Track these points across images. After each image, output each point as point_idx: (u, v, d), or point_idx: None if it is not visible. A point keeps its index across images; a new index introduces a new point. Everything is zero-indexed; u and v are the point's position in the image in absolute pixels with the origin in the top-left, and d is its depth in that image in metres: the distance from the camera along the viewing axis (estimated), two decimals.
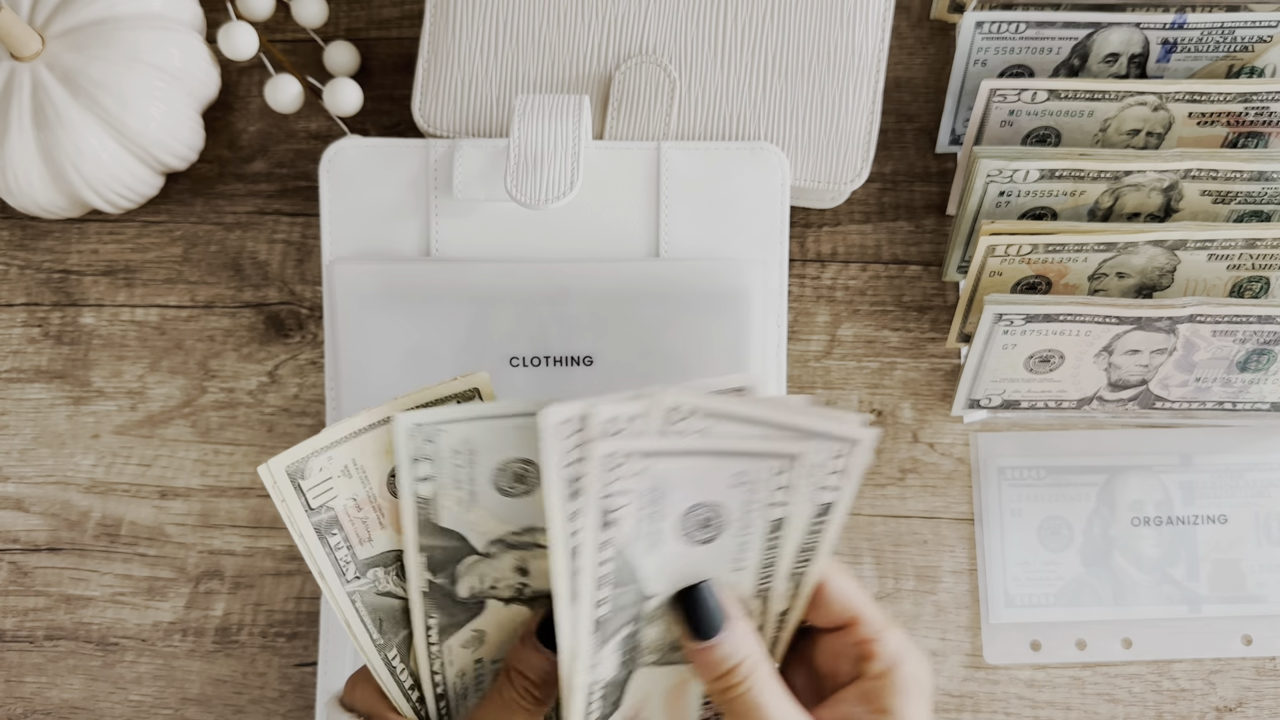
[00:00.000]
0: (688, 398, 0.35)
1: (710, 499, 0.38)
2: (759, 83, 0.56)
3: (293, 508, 0.37)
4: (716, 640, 0.39)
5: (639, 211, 0.55)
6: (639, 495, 0.36)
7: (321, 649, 0.55)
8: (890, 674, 0.39)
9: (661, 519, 0.37)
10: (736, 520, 0.38)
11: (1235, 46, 0.56)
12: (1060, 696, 0.57)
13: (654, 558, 0.38)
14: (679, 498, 0.37)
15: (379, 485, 0.39)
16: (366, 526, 0.39)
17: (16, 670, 0.57)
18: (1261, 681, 0.57)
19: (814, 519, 0.39)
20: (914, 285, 0.60)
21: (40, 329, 0.60)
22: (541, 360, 0.54)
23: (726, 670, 0.38)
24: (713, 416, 0.36)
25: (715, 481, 0.37)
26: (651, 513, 0.37)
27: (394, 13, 0.63)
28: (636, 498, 0.36)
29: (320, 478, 0.37)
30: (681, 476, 0.37)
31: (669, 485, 0.37)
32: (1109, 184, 0.54)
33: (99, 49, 0.54)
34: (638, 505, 0.37)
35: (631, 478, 0.36)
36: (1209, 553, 0.58)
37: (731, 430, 0.36)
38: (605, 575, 0.37)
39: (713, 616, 0.39)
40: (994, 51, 0.57)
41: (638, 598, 0.39)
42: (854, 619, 0.40)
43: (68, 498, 0.59)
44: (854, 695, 0.39)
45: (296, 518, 0.37)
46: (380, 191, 0.55)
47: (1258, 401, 0.57)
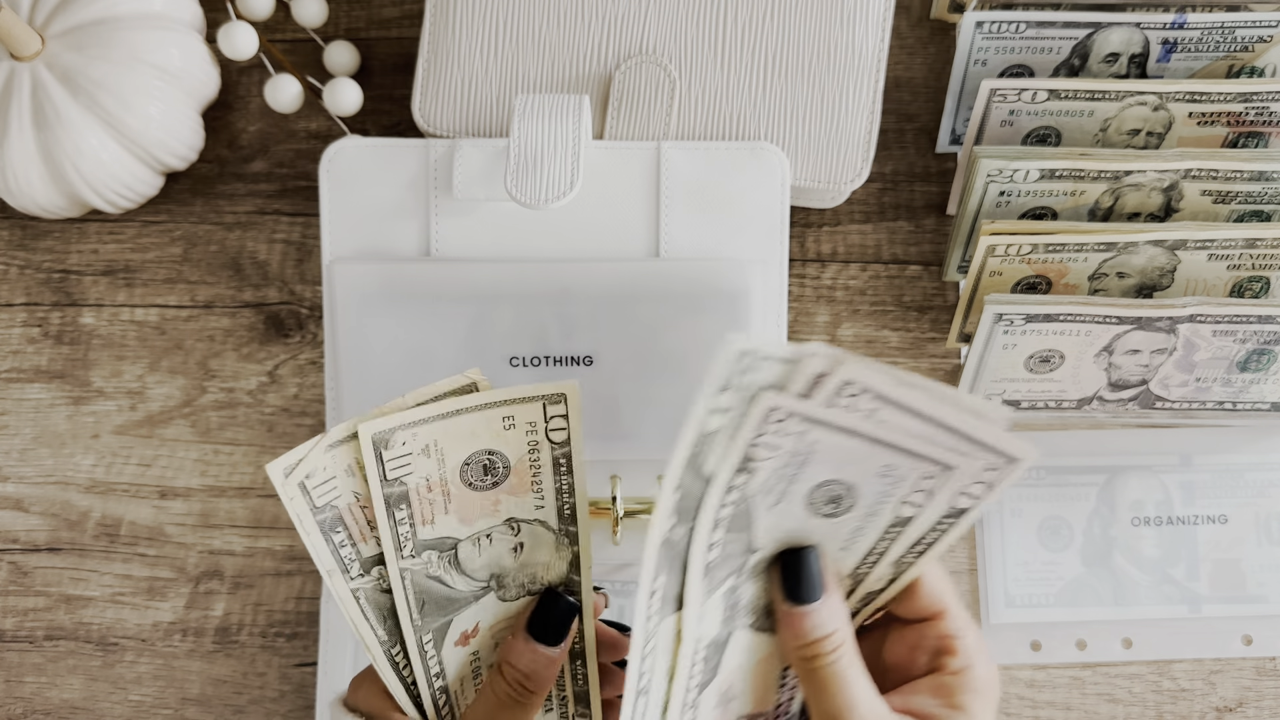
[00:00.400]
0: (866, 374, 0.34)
1: (849, 479, 0.37)
2: (759, 83, 0.56)
3: (298, 506, 0.37)
4: (812, 608, 0.38)
5: (639, 211, 0.55)
6: (784, 454, 0.36)
7: (321, 649, 0.55)
8: (968, 671, 0.39)
9: (795, 482, 0.37)
10: (865, 507, 0.38)
11: (1235, 46, 0.56)
12: (1060, 697, 0.57)
13: (772, 515, 0.37)
14: (820, 469, 0.37)
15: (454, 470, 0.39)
16: (432, 508, 0.39)
17: (16, 670, 0.57)
18: (1262, 681, 0.57)
19: (942, 519, 0.38)
20: (914, 285, 0.60)
21: (40, 329, 0.60)
22: (541, 360, 0.54)
23: (815, 639, 0.38)
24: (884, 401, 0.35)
25: (861, 465, 0.37)
26: (789, 474, 0.36)
27: (394, 13, 0.63)
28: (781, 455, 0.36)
29: (324, 476, 0.37)
30: (831, 450, 0.36)
31: (815, 454, 0.36)
32: (1109, 184, 0.54)
33: (99, 49, 0.54)
34: (779, 463, 0.36)
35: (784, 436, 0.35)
36: (1209, 553, 0.58)
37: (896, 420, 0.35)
38: (723, 518, 0.36)
39: (813, 582, 0.38)
40: (994, 51, 0.57)
41: (745, 549, 0.38)
42: (940, 613, 0.40)
43: (67, 498, 0.59)
44: (929, 687, 0.39)
45: (302, 515, 0.37)
46: (380, 191, 0.55)
47: (1258, 401, 0.57)
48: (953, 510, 0.38)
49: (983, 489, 0.37)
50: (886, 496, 0.37)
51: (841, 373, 0.34)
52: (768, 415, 0.34)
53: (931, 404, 0.35)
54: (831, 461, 0.36)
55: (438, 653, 0.41)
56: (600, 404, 0.54)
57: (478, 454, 0.39)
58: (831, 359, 0.34)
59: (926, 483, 0.37)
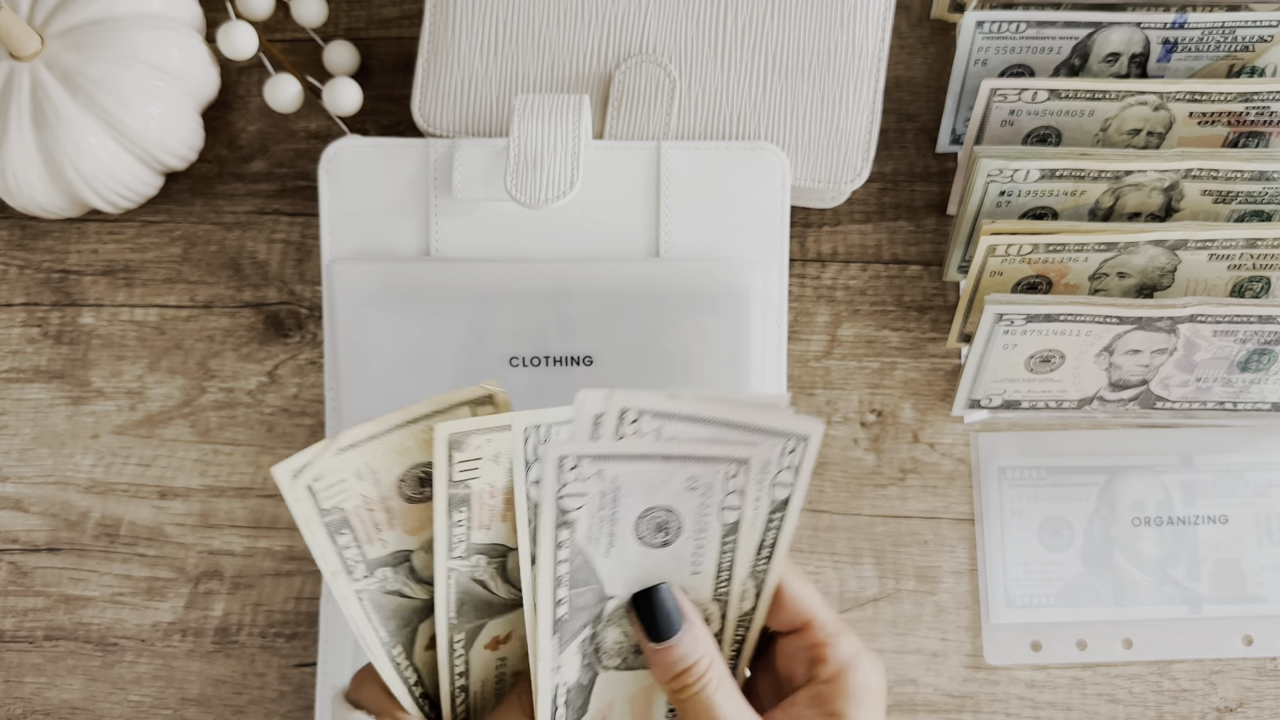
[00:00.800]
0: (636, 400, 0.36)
1: (664, 503, 0.38)
2: (759, 83, 0.56)
3: (304, 508, 0.37)
4: (673, 641, 0.39)
5: (639, 211, 0.55)
6: (594, 497, 0.37)
7: (321, 649, 0.55)
8: (840, 678, 0.39)
9: (617, 521, 0.38)
10: (691, 524, 0.39)
11: (1236, 46, 0.56)
12: (1061, 697, 0.57)
13: (612, 559, 0.39)
14: (633, 501, 0.38)
15: (390, 487, 0.39)
16: (376, 527, 0.39)
17: (16, 670, 0.57)
18: (1262, 682, 0.57)
19: (770, 516, 0.39)
20: (914, 285, 0.60)
21: (40, 329, 0.60)
22: (541, 360, 0.54)
23: (682, 670, 0.39)
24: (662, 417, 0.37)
25: (668, 486, 0.38)
26: (607, 515, 0.38)
27: (394, 12, 0.63)
28: (592, 499, 0.37)
29: (333, 479, 0.37)
30: (635, 481, 0.37)
31: (622, 489, 0.38)
32: (1110, 184, 0.54)
33: (98, 48, 0.54)
34: (593, 507, 0.37)
35: (586, 480, 0.37)
36: (1210, 553, 0.58)
37: (683, 432, 0.37)
38: (563, 575, 0.38)
39: (670, 618, 0.39)
40: (994, 51, 0.57)
41: (598, 598, 0.39)
42: (807, 623, 0.40)
43: (67, 498, 0.59)
44: (805, 698, 0.40)
45: (308, 517, 0.37)
46: (380, 191, 0.55)
47: (1258, 401, 0.57)
48: (775, 503, 0.39)
49: (791, 474, 0.38)
50: (705, 508, 0.39)
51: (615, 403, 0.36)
52: (560, 465, 0.36)
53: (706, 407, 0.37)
54: (640, 491, 0.38)
55: (465, 653, 0.41)
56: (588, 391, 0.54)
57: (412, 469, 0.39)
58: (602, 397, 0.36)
59: (733, 482, 0.38)
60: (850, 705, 0.39)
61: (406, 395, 0.53)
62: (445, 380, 0.54)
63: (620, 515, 0.39)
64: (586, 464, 0.37)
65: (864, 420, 0.59)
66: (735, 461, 0.38)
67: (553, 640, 0.38)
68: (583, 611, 0.39)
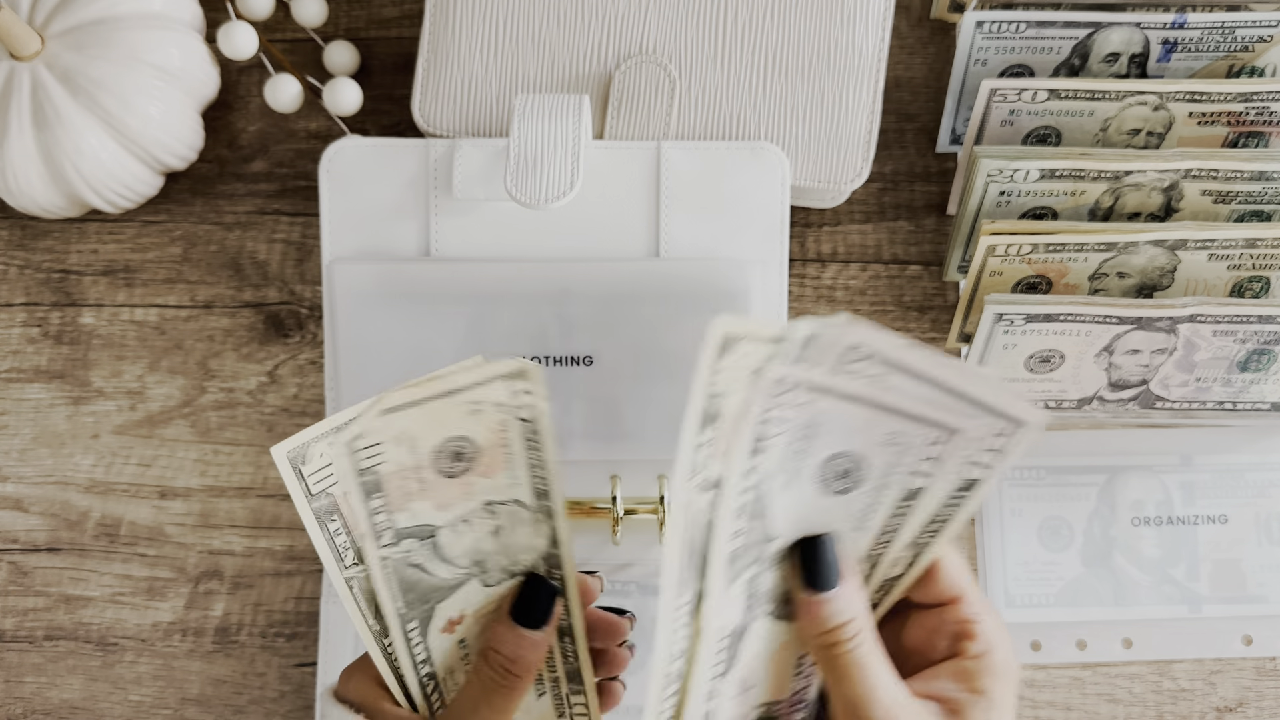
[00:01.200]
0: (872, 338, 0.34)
1: (857, 450, 0.37)
2: (759, 83, 0.56)
3: (295, 492, 0.37)
4: (830, 594, 0.38)
5: (639, 211, 0.55)
6: (793, 427, 0.35)
7: (321, 649, 0.55)
8: (988, 655, 0.39)
9: (805, 457, 0.37)
10: (875, 479, 0.38)
11: (1235, 46, 0.56)
12: (1061, 697, 0.57)
13: (786, 497, 0.37)
14: (828, 441, 0.36)
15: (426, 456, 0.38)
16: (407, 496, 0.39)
17: (16, 670, 0.57)
18: (1262, 682, 0.57)
19: (954, 493, 0.38)
20: (914, 285, 0.60)
21: (40, 329, 0.60)
22: (541, 360, 0.54)
23: (834, 626, 0.38)
24: (889, 365, 0.35)
25: (867, 434, 0.36)
26: (798, 449, 0.36)
27: (394, 12, 0.63)
28: (790, 429, 0.35)
29: (320, 464, 0.37)
30: (837, 420, 0.36)
31: (822, 426, 0.36)
32: (1109, 184, 0.54)
33: (98, 49, 0.54)
34: (788, 438, 0.36)
35: (792, 408, 0.35)
36: (1209, 553, 0.58)
37: (903, 385, 0.35)
38: (745, 505, 0.36)
39: (830, 569, 0.38)
40: (994, 51, 0.57)
41: (764, 537, 0.38)
42: (958, 598, 0.40)
43: (67, 498, 0.59)
44: (949, 672, 0.39)
45: (298, 502, 0.37)
46: (380, 191, 0.55)
47: (1258, 401, 0.57)
48: (964, 482, 0.37)
49: (993, 456, 0.37)
50: (894, 467, 0.37)
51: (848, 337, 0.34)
52: (774, 387, 0.34)
53: (936, 367, 0.35)
54: (838, 432, 0.36)
55: (423, 640, 0.41)
56: (600, 404, 0.54)
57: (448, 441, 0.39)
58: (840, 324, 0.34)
59: (933, 449, 0.37)
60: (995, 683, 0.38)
61: None
62: None
63: (810, 452, 0.37)
64: (800, 391, 0.35)
65: None
66: (945, 429, 0.36)
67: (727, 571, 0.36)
68: (750, 549, 0.37)
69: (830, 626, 0.38)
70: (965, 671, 0.39)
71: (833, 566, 0.38)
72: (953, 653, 0.39)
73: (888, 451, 0.37)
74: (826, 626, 0.38)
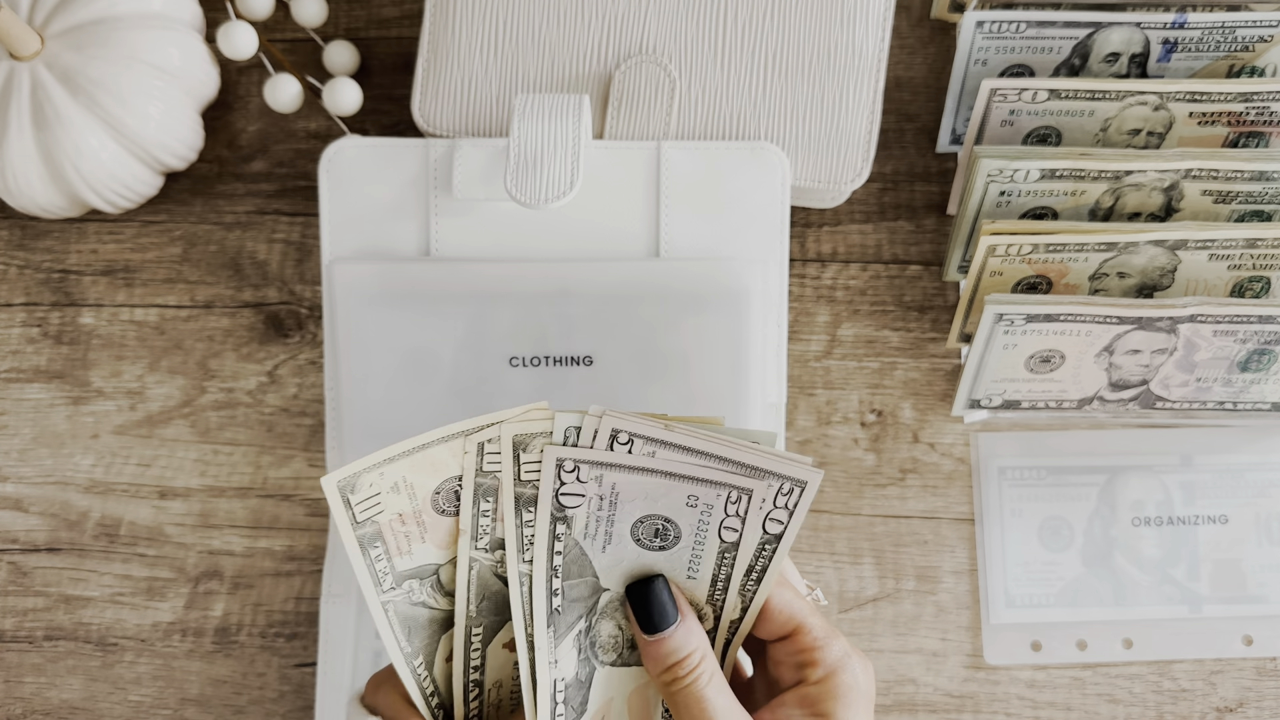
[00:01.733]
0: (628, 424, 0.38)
1: (663, 513, 0.39)
2: (759, 83, 0.56)
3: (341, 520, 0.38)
4: (667, 633, 0.40)
5: (639, 211, 0.55)
6: (592, 499, 0.38)
7: (321, 649, 0.55)
8: (829, 680, 0.40)
9: (615, 523, 0.39)
10: (690, 536, 0.40)
11: (1236, 46, 0.56)
12: (1061, 697, 0.57)
13: (609, 555, 0.40)
14: (632, 507, 0.39)
15: (424, 501, 0.39)
16: (408, 540, 0.39)
17: (16, 670, 0.57)
18: (1262, 682, 0.57)
19: (762, 544, 0.40)
20: (914, 285, 0.60)
21: (39, 329, 0.60)
22: (541, 360, 0.54)
23: (674, 663, 0.40)
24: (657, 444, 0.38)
25: (668, 499, 0.39)
26: (605, 515, 0.39)
27: (394, 12, 0.63)
28: (589, 500, 0.38)
29: (369, 493, 0.38)
30: (634, 489, 0.39)
31: (622, 495, 0.39)
32: (1110, 184, 0.54)
33: (98, 48, 0.54)
34: (589, 507, 0.38)
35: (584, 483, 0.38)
36: (1210, 553, 0.58)
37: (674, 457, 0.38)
38: (558, 566, 0.39)
39: (664, 610, 0.40)
40: (994, 51, 0.57)
41: (592, 590, 0.40)
42: (796, 628, 0.41)
43: (67, 498, 0.59)
44: (794, 699, 0.40)
45: (343, 530, 0.38)
46: (380, 191, 0.55)
47: (1258, 401, 0.57)
48: (768, 535, 0.40)
49: (785, 514, 0.39)
50: (705, 525, 0.40)
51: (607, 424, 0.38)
52: (559, 468, 0.38)
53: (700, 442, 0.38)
54: (640, 499, 0.39)
55: (483, 648, 0.42)
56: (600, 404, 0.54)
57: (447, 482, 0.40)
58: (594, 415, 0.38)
59: (734, 506, 0.39)
60: (838, 706, 0.40)
61: (406, 395, 0.53)
62: (445, 380, 0.54)
63: (619, 518, 0.39)
64: (585, 469, 0.38)
65: (864, 420, 0.59)
66: (736, 489, 0.39)
67: (548, 632, 0.39)
68: (577, 604, 0.40)
69: (669, 664, 0.40)
70: (808, 697, 0.40)
71: (665, 607, 0.40)
72: (798, 680, 0.41)
73: (692, 513, 0.39)
74: (666, 664, 0.40)
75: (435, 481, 0.39)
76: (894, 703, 0.57)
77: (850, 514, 0.58)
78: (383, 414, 0.54)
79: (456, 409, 0.54)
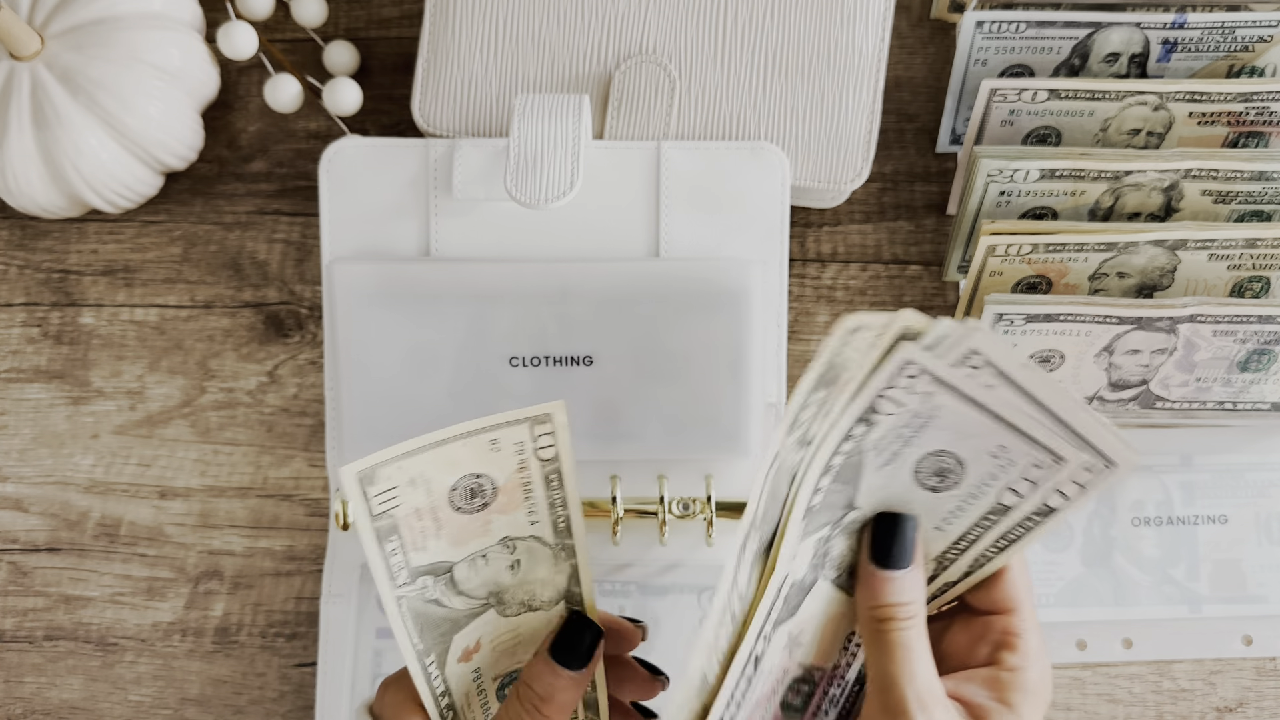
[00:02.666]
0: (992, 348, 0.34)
1: (961, 453, 0.37)
2: (759, 83, 0.56)
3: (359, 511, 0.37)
4: (897, 573, 0.39)
5: (639, 211, 0.55)
6: (907, 413, 0.36)
7: (321, 649, 0.55)
8: (1024, 671, 0.39)
9: (910, 445, 0.37)
10: (969, 487, 0.38)
11: (1236, 46, 0.56)
12: (1060, 697, 0.57)
13: (878, 477, 0.38)
14: (936, 437, 0.37)
15: (441, 496, 0.39)
16: (424, 536, 0.39)
17: (16, 670, 0.57)
18: (1262, 682, 0.57)
19: (1031, 514, 0.38)
20: (914, 285, 0.60)
21: (40, 329, 0.60)
22: (541, 360, 0.54)
23: (892, 604, 0.38)
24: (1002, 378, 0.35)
25: (977, 441, 0.37)
26: (905, 436, 0.37)
27: (394, 12, 0.63)
28: (904, 413, 0.36)
29: (387, 485, 0.38)
30: (953, 419, 0.36)
31: (936, 420, 0.36)
32: (1109, 184, 0.54)
33: (98, 49, 0.54)
34: (900, 420, 0.36)
35: (912, 393, 0.35)
36: (1209, 553, 0.58)
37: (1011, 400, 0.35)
38: (834, 467, 0.37)
39: (904, 549, 0.39)
40: (994, 51, 0.57)
41: (846, 503, 0.38)
42: (1011, 609, 0.40)
43: (67, 498, 0.59)
44: (982, 679, 0.39)
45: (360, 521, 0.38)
46: (380, 191, 0.55)
47: (1258, 401, 0.57)
48: (1043, 508, 0.38)
49: (1076, 489, 0.37)
50: (993, 479, 0.38)
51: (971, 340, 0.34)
52: (902, 368, 0.34)
53: (1046, 389, 0.35)
54: (949, 431, 0.37)
55: (441, 672, 0.41)
56: (600, 404, 0.54)
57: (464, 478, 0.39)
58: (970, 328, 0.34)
59: (1034, 472, 0.37)
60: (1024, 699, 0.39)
61: (406, 395, 0.53)
62: (445, 380, 0.54)
63: (916, 442, 0.37)
64: (925, 380, 0.35)
65: None
66: (1053, 455, 0.36)
67: (801, 523, 0.37)
68: (830, 510, 0.38)
69: (888, 603, 0.38)
70: (998, 681, 0.39)
71: (906, 547, 0.39)
72: (990, 661, 0.40)
73: (990, 463, 0.37)
74: (884, 602, 0.38)
75: (453, 478, 0.39)
76: None
77: None
78: (383, 414, 0.54)
79: (456, 409, 0.54)
